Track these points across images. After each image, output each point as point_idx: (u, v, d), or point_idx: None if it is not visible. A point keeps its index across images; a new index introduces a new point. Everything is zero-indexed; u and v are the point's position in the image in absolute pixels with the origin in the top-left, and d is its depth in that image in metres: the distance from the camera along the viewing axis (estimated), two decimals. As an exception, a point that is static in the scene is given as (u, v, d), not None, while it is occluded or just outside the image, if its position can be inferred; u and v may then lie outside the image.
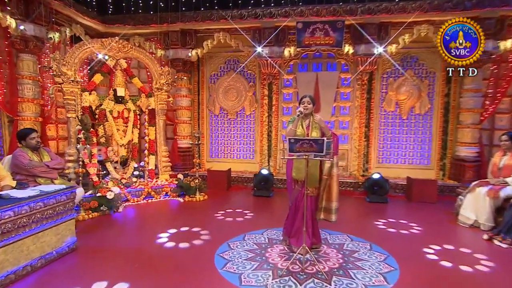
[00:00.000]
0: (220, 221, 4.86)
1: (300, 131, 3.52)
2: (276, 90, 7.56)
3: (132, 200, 5.80)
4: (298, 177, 3.54)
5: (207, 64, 7.93)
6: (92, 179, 5.56)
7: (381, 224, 4.87)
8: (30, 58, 5.81)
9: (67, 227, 3.58)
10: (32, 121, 5.84)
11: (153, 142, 6.76)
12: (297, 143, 3.15)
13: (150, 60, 6.73)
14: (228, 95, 7.81)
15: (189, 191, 6.14)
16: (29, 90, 5.81)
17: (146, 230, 4.48)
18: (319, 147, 3.12)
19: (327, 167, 3.50)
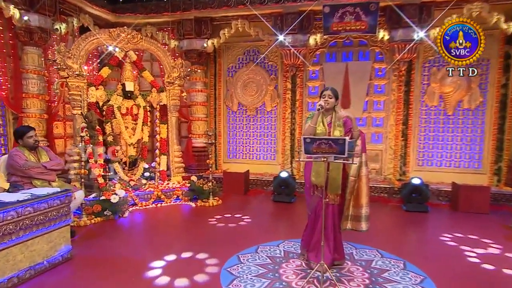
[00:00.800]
0: (232, 230, 4.69)
1: (321, 129, 3.32)
2: (300, 83, 7.31)
3: (140, 204, 5.75)
4: (318, 182, 3.33)
5: (224, 55, 7.81)
6: (98, 181, 5.55)
7: (419, 237, 4.50)
8: (35, 51, 5.88)
9: (61, 235, 3.52)
10: (37, 118, 5.93)
11: (164, 141, 6.72)
12: (314, 143, 2.94)
13: (162, 52, 6.68)
14: (247, 90, 7.66)
15: (202, 195, 6.03)
16: (34, 85, 5.89)
17: (150, 238, 4.37)
18: (340, 148, 2.89)
19: (354, 166, 3.29)
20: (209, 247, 4.00)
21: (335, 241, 3.49)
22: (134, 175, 6.30)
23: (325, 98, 3.35)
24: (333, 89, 3.44)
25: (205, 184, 6.12)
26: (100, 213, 4.98)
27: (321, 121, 3.36)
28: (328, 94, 3.37)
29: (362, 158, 3.31)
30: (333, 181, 3.31)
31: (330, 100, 3.35)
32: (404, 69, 6.79)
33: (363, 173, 3.35)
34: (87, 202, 5.08)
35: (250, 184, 7.18)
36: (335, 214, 3.42)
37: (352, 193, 3.37)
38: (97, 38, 6.02)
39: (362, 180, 3.35)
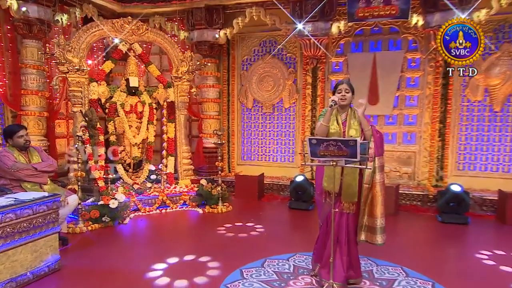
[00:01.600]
0: (239, 240, 4.58)
1: (335, 128, 3.18)
2: (321, 77, 7.13)
3: (143, 209, 5.73)
4: (330, 188, 3.18)
5: (239, 47, 7.73)
6: (98, 184, 5.56)
7: (453, 254, 4.21)
8: (34, 44, 5.96)
9: (48, 243, 3.50)
10: (37, 116, 6.02)
11: (172, 141, 6.69)
12: (321, 145, 2.81)
13: (169, 44, 6.65)
14: (263, 84, 7.54)
15: (210, 200, 5.95)
16: (33, 81, 5.98)
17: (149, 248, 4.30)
18: (351, 150, 2.74)
19: (367, 172, 3.15)
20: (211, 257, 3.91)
21: (350, 256, 3.31)
22: (139, 178, 6.29)
23: (342, 93, 3.21)
24: (349, 82, 3.30)
25: (214, 188, 6.01)
26: (98, 219, 4.97)
27: (335, 119, 3.22)
28: (344, 88, 3.22)
29: (376, 163, 3.14)
30: (348, 188, 3.18)
31: (347, 95, 3.21)
32: (442, 59, 6.43)
33: (377, 179, 3.17)
34: (86, 206, 5.10)
35: (265, 188, 7.06)
36: (350, 225, 3.26)
37: (366, 202, 3.22)
38: (99, 30, 6.05)
39: (375, 187, 3.18)
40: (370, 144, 3.13)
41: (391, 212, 5.76)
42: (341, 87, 3.24)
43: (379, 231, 3.20)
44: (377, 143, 3.16)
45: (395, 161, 6.88)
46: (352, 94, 3.25)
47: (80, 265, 3.79)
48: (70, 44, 5.76)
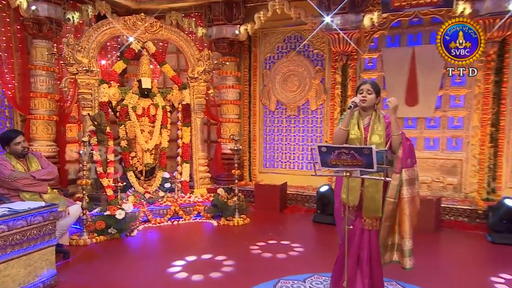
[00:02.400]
0: (254, 257, 4.50)
1: (355, 133, 3.09)
2: (352, 76, 6.96)
3: (153, 220, 5.75)
4: (350, 200, 3.09)
5: (261, 44, 7.70)
6: (106, 192, 5.63)
7: (504, 282, 3.92)
8: (44, 44, 6.17)
9: (43, 257, 3.54)
10: (46, 120, 6.21)
11: (187, 146, 6.72)
12: (332, 153, 2.72)
13: (185, 42, 6.69)
14: (287, 84, 7.47)
15: (226, 212, 5.91)
16: (42, 83, 6.18)
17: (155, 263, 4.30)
18: (366, 159, 2.62)
19: (393, 185, 2.99)
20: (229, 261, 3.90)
21: (372, 279, 3.15)
22: (151, 186, 6.34)
23: (363, 94, 3.10)
24: (373, 82, 3.19)
25: (230, 198, 5.95)
26: (104, 230, 5.03)
27: (356, 123, 3.12)
28: (366, 88, 3.11)
29: (403, 175, 2.98)
30: (371, 201, 3.06)
31: (369, 96, 3.09)
32: (494, 53, 6.11)
33: (403, 195, 3.00)
34: (93, 216, 5.17)
35: (288, 199, 6.97)
36: (372, 243, 3.12)
37: (389, 219, 3.06)
38: (111, 28, 6.17)
39: (401, 204, 3.01)
40: (398, 153, 2.99)
41: (430, 228, 5.54)
42: (363, 87, 3.13)
43: (407, 254, 3.05)
44: (405, 152, 3.00)
45: (438, 170, 6.58)
46: (376, 96, 3.13)
47: (79, 280, 3.82)
48: (79, 43, 5.89)
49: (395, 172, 2.96)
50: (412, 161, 3.04)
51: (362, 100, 3.08)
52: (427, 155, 6.60)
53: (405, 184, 2.99)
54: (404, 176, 2.98)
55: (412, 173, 3.04)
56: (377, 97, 3.14)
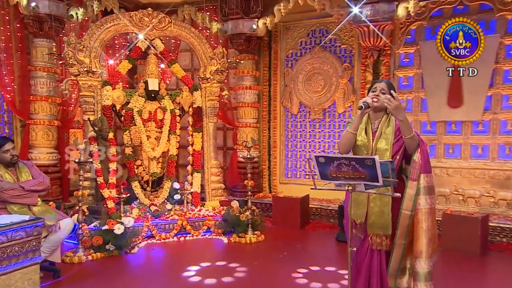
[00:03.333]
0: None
1: (362, 139, 3.06)
2: (385, 73, 6.78)
3: (158, 236, 5.72)
4: (357, 216, 3.07)
5: (282, 39, 7.67)
6: (107, 205, 5.66)
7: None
8: (45, 43, 6.30)
9: (26, 276, 3.53)
10: (46, 125, 6.33)
11: (199, 154, 6.68)
12: (331, 165, 2.69)
13: (197, 39, 6.68)
14: (311, 84, 7.39)
15: (237, 227, 5.83)
16: (42, 85, 6.31)
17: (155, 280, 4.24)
18: (369, 171, 2.58)
19: (410, 194, 2.92)
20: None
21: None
22: (157, 198, 6.33)
23: (376, 93, 3.02)
24: (388, 82, 3.14)
25: (243, 213, 5.86)
26: (102, 247, 5.03)
27: (363, 128, 3.06)
28: (381, 87, 3.03)
29: (421, 182, 2.88)
30: (379, 216, 2.99)
31: (382, 96, 2.98)
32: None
33: (420, 205, 2.90)
34: (91, 231, 5.19)
35: (311, 214, 6.84)
36: (383, 267, 3.01)
37: (405, 237, 2.95)
38: (115, 25, 6.22)
39: (418, 215, 2.90)
40: (414, 157, 2.90)
41: (475, 251, 5.25)
42: (377, 85, 3.06)
43: (422, 278, 2.88)
44: (424, 156, 2.90)
45: (488, 182, 6.29)
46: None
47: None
48: (81, 42, 5.96)
49: (412, 179, 2.89)
50: (430, 167, 2.95)
51: (373, 99, 2.99)
52: (474, 165, 6.33)
53: (423, 192, 2.91)
54: (422, 182, 2.89)
55: (431, 180, 2.95)
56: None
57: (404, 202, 2.91)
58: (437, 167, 6.40)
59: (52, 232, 4.24)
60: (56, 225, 4.27)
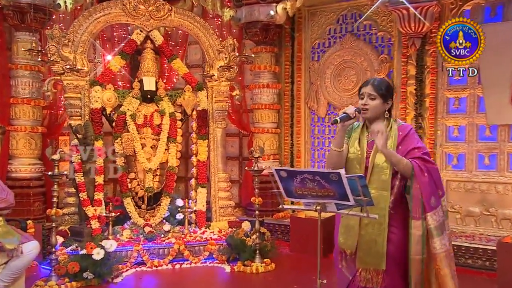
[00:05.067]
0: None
1: (355, 151, 3.11)
2: (432, 66, 6.60)
3: (149, 263, 5.70)
4: (347, 245, 3.12)
5: (307, 27, 7.63)
6: (91, 225, 5.69)
7: None
8: (27, 38, 6.44)
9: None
10: (28, 132, 6.47)
11: (204, 165, 6.66)
12: (294, 180, 2.77)
13: (202, 29, 6.70)
14: (341, 81, 7.30)
15: (243, 253, 5.75)
16: (24, 85, 6.47)
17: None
18: (337, 188, 2.64)
19: (416, 236, 2.88)
20: None
21: None
22: (154, 217, 6.32)
23: (363, 100, 3.03)
24: (380, 82, 3.09)
25: (250, 236, 5.80)
26: (78, 275, 5.03)
27: (357, 138, 3.11)
28: (368, 92, 3.02)
29: (430, 222, 2.87)
30: (369, 245, 3.00)
31: (372, 103, 3.01)
32: None
33: (437, 248, 2.89)
34: (70, 255, 5.24)
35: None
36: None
37: (422, 285, 2.92)
38: (106, 15, 6.31)
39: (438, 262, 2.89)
40: (411, 191, 2.88)
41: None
42: (363, 90, 3.04)
43: None
44: (426, 189, 2.86)
45: None
46: (383, 101, 3.01)
47: None
48: (66, 36, 6.07)
49: (415, 218, 2.88)
50: (437, 199, 2.92)
51: (363, 109, 3.00)
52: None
53: (435, 234, 2.90)
54: (431, 222, 2.88)
55: (440, 214, 2.92)
56: (387, 102, 3.04)
57: (411, 246, 2.88)
58: (500, 183, 6.15)
59: (13, 257, 4.27)
60: (18, 250, 4.30)
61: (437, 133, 6.58)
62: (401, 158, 2.84)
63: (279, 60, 7.66)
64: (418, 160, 2.85)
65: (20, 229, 4.84)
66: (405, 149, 2.90)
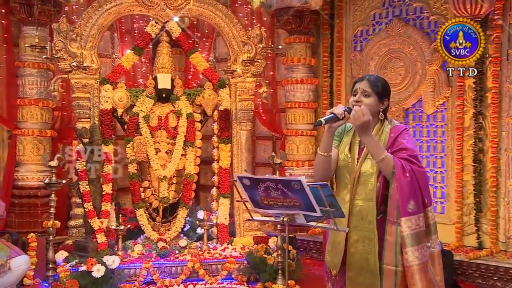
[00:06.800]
0: None
1: (344, 158, 3.18)
2: (494, 54, 6.45)
3: (160, 282, 5.88)
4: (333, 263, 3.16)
5: (348, 12, 7.65)
6: (97, 239, 5.93)
7: None
8: (35, 32, 6.81)
9: None
10: (36, 136, 6.83)
11: (227, 172, 6.74)
12: (258, 188, 2.85)
13: (225, 18, 6.85)
14: (387, 74, 7.22)
15: (263, 274, 5.84)
16: (32, 85, 6.84)
17: None
18: (302, 198, 2.72)
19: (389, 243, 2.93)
20: None
21: None
22: (169, 231, 6.49)
23: (357, 96, 3.07)
24: (376, 78, 3.19)
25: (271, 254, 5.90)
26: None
27: (348, 143, 3.18)
28: (362, 88, 3.07)
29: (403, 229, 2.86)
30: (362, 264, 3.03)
31: (366, 101, 3.04)
32: None
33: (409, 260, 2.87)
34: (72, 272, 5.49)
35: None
36: None
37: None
38: (117, 5, 6.55)
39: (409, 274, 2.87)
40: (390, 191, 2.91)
41: None
42: (357, 86, 3.09)
43: None
44: (403, 190, 2.86)
45: None
46: (379, 99, 3.06)
47: None
48: (74, 29, 6.37)
49: (390, 221, 2.90)
50: (418, 205, 2.91)
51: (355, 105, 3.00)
52: None
53: (409, 242, 2.88)
54: (404, 229, 2.87)
55: (418, 223, 2.91)
56: (382, 101, 3.08)
57: (384, 253, 2.90)
58: None
59: (0, 273, 4.56)
60: (5, 265, 4.59)
61: (501, 135, 6.41)
62: (383, 150, 2.86)
63: (316, 52, 7.72)
64: (403, 160, 2.87)
65: (11, 242, 5.14)
66: (392, 150, 2.94)
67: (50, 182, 5.34)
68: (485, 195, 6.46)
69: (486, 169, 6.48)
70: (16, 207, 6.75)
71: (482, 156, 6.52)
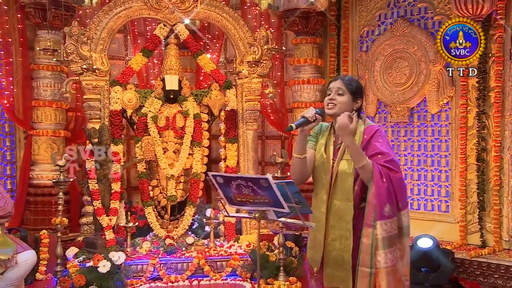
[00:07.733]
0: None
1: (321, 158, 3.27)
2: (497, 54, 6.41)
3: (166, 278, 6.02)
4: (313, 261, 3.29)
5: (354, 13, 7.66)
6: (105, 235, 6.10)
7: None
8: (49, 36, 6.92)
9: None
10: (50, 136, 7.06)
11: (233, 171, 6.85)
12: (230, 186, 3.01)
13: (232, 21, 6.92)
14: (392, 74, 7.23)
15: (265, 270, 5.93)
16: (46, 87, 7.07)
17: None
18: (270, 195, 2.87)
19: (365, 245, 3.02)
20: None
21: None
22: (177, 228, 6.63)
23: (331, 95, 3.19)
24: (350, 78, 3.31)
25: (273, 251, 5.99)
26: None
27: (323, 143, 3.27)
28: (336, 88, 3.19)
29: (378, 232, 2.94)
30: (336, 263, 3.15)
31: (339, 99, 3.16)
32: None
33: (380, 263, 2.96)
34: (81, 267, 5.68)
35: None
36: None
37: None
38: (127, 9, 6.70)
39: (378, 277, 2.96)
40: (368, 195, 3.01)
41: None
42: (332, 85, 3.21)
43: None
44: (380, 195, 2.95)
45: None
46: (353, 98, 3.18)
47: None
48: (85, 33, 6.55)
49: (367, 224, 2.98)
50: (393, 209, 3.00)
51: (329, 104, 3.15)
52: None
53: (381, 245, 2.96)
54: (379, 232, 2.95)
55: (392, 227, 2.99)
56: (356, 100, 3.18)
57: (360, 255, 2.98)
58: None
59: (8, 268, 4.74)
60: (12, 260, 4.77)
61: (504, 134, 6.37)
62: (364, 157, 2.94)
63: (323, 52, 7.74)
64: (381, 166, 2.94)
65: (19, 238, 5.33)
66: (368, 155, 3.00)
67: (58, 181, 5.52)
68: (488, 194, 6.44)
69: (490, 168, 6.45)
70: (31, 205, 6.98)
71: (486, 155, 6.50)
